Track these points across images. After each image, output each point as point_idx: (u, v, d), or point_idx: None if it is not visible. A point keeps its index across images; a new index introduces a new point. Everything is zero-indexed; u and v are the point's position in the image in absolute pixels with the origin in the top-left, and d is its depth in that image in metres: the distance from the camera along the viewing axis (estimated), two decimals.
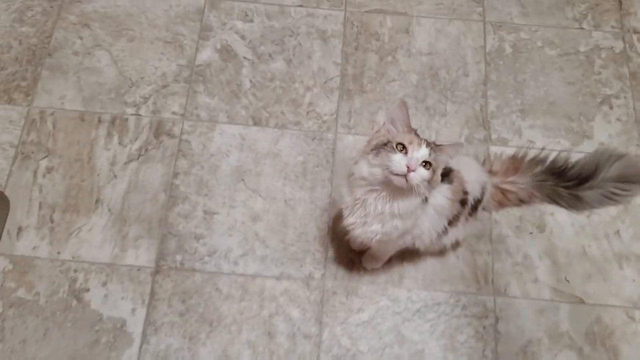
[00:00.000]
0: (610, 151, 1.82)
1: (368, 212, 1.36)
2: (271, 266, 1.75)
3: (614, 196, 1.79)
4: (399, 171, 1.25)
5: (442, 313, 1.70)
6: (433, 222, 1.50)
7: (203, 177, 1.85)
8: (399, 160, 1.26)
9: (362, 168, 1.33)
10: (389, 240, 1.44)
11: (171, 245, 1.76)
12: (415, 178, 1.25)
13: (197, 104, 1.96)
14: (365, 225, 1.39)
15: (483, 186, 1.61)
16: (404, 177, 1.25)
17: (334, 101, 1.98)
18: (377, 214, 1.35)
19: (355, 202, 1.38)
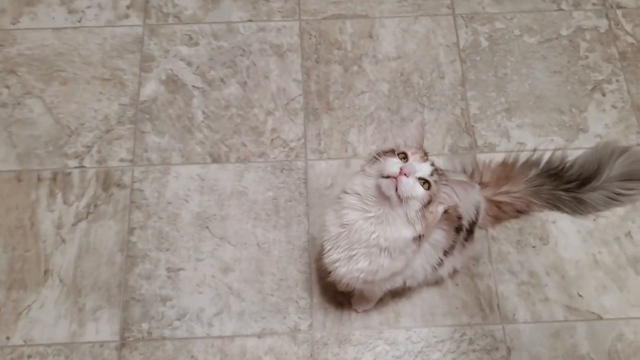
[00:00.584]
0: (612, 146, 1.64)
1: (353, 242, 1.18)
2: (250, 322, 1.55)
3: (619, 197, 1.61)
4: (390, 171, 1.08)
5: (447, 351, 1.52)
6: (428, 258, 1.31)
7: (162, 229, 1.64)
8: (394, 162, 1.11)
9: (355, 181, 1.18)
10: (375, 281, 1.25)
11: (135, 313, 1.55)
12: (407, 186, 1.08)
13: (146, 146, 1.75)
14: (350, 263, 1.21)
15: (477, 206, 1.42)
16: (394, 180, 1.07)
17: (299, 124, 1.78)
18: (363, 245, 1.17)
19: (340, 231, 1.19)
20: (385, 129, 1.77)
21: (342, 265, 1.22)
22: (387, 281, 1.29)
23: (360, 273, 1.21)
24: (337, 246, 1.21)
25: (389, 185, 1.08)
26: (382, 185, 1.09)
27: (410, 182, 1.08)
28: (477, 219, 1.43)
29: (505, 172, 1.64)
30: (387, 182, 1.08)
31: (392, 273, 1.23)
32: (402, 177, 1.07)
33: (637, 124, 1.76)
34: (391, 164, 1.10)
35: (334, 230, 1.21)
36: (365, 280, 1.24)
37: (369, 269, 1.20)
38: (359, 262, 1.20)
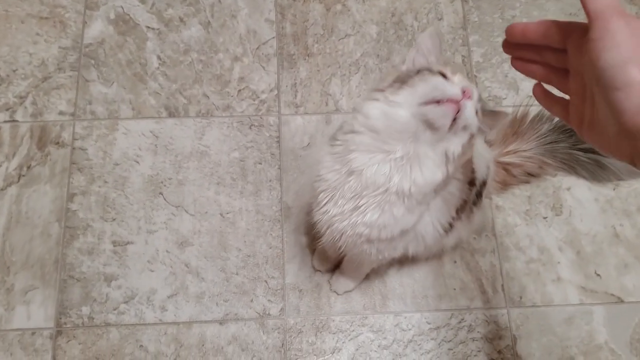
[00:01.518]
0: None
1: (363, 190, 0.90)
2: (211, 306, 1.30)
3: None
4: (451, 94, 0.81)
5: (442, 340, 1.29)
6: (439, 215, 1.04)
7: (108, 195, 1.38)
8: (445, 82, 0.84)
9: (371, 114, 0.87)
10: (379, 241, 0.97)
11: (74, 295, 1.30)
12: (470, 113, 0.82)
13: (90, 97, 1.47)
14: (354, 215, 0.93)
15: (487, 165, 1.18)
16: (454, 106, 0.80)
17: (272, 72, 1.51)
18: (377, 192, 0.90)
19: (343, 180, 0.91)
20: (373, 78, 1.50)
21: (343, 219, 0.95)
22: (390, 244, 1.01)
23: (365, 228, 0.94)
24: (341, 197, 0.93)
25: (447, 113, 0.81)
26: (431, 114, 0.82)
27: (472, 108, 0.83)
28: (487, 180, 1.19)
29: (513, 128, 1.39)
30: (444, 109, 0.81)
31: (402, 230, 0.97)
32: (467, 101, 0.81)
33: None
34: (444, 84, 0.83)
35: (335, 178, 0.93)
36: (369, 239, 0.97)
37: (377, 223, 0.93)
38: (367, 214, 0.92)
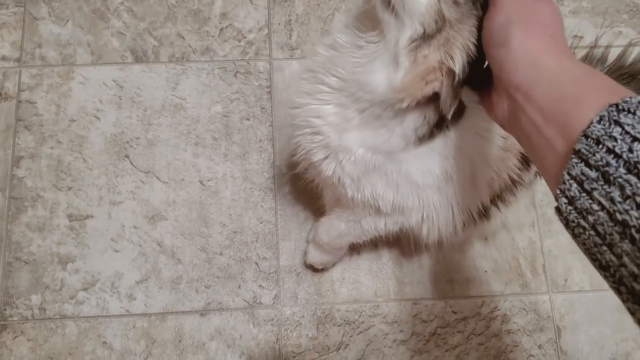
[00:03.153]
0: None
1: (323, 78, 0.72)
2: (190, 294, 1.07)
3: None
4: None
5: (471, 333, 1.06)
6: (464, 192, 0.82)
7: (62, 159, 1.13)
8: None
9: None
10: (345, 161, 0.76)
11: (22, 280, 1.07)
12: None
13: (40, 39, 1.20)
14: (312, 97, 0.74)
15: None
16: None
17: (261, 7, 1.24)
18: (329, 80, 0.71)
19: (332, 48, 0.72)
20: None
21: (303, 104, 0.76)
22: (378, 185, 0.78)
23: (322, 123, 0.74)
24: (314, 77, 0.74)
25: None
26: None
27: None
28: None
29: None
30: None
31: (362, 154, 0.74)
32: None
33: None
34: None
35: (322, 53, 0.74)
36: (329, 145, 0.75)
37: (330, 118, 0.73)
38: (326, 105, 0.73)
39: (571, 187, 0.44)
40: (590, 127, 0.43)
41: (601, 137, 0.42)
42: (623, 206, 0.40)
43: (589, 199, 0.42)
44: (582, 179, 0.43)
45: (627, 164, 0.40)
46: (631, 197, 0.39)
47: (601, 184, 0.41)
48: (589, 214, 0.43)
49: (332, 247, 1.00)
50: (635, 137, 0.40)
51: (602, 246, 0.42)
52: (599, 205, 0.42)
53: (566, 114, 0.47)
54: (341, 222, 0.92)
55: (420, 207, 0.81)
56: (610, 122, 0.42)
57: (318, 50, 0.75)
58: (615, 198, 0.40)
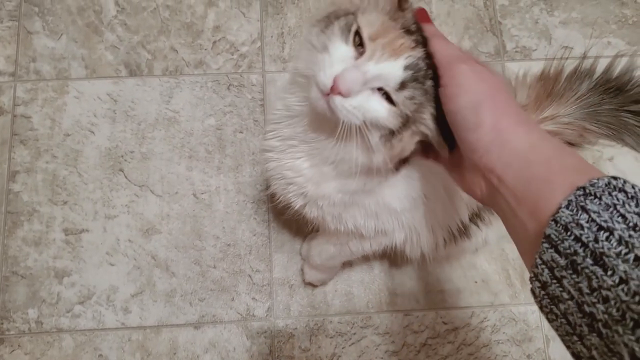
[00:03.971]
0: None
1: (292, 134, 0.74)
2: (184, 307, 1.08)
3: None
4: (319, 80, 0.59)
5: (462, 344, 1.08)
6: (440, 211, 0.84)
7: (57, 173, 1.14)
8: (335, 58, 0.60)
9: (303, 51, 0.68)
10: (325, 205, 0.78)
11: (19, 294, 1.08)
12: (346, 111, 0.59)
13: (34, 53, 1.21)
14: (284, 155, 0.76)
15: None
16: (325, 97, 0.59)
17: (253, 20, 1.25)
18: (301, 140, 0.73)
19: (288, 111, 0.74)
20: None
21: (273, 158, 0.77)
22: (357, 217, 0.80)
23: (295, 175, 0.76)
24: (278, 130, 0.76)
25: (317, 101, 0.60)
26: (310, 97, 0.62)
27: (354, 104, 0.59)
28: None
29: (546, 89, 1.14)
30: (315, 95, 0.60)
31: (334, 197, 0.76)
32: (335, 96, 0.58)
33: None
34: (325, 61, 0.59)
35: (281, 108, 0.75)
36: (304, 193, 0.77)
37: (309, 174, 0.75)
38: (297, 161, 0.75)
39: (543, 272, 0.44)
40: (558, 212, 0.43)
41: (569, 223, 0.42)
42: (590, 298, 0.39)
43: (559, 286, 0.42)
44: (552, 265, 0.43)
45: (593, 254, 0.40)
46: (597, 290, 0.39)
47: (570, 272, 0.41)
48: (560, 302, 0.42)
49: (326, 267, 1.02)
50: (601, 226, 0.40)
51: (573, 336, 0.41)
52: (569, 294, 0.41)
53: (537, 197, 0.47)
54: (330, 245, 0.94)
55: (401, 228, 0.83)
56: (577, 207, 0.42)
57: (277, 106, 0.75)
58: (583, 289, 0.40)
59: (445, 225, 0.88)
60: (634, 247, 0.39)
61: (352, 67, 0.58)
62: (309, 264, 1.04)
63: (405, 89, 0.59)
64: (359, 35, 0.61)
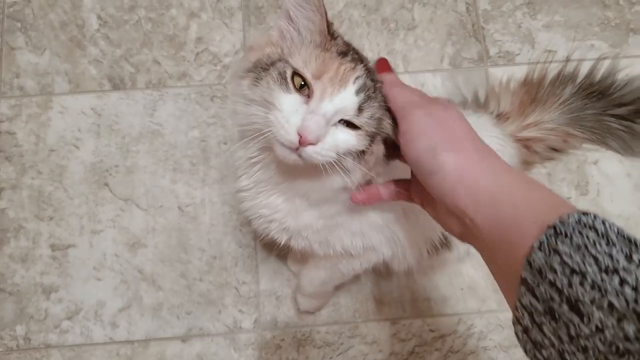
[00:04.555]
0: None
1: (262, 178, 0.74)
2: (171, 320, 1.09)
3: None
4: (284, 139, 0.60)
5: (449, 351, 1.08)
6: (422, 222, 0.83)
7: (43, 189, 1.15)
8: (288, 112, 0.60)
9: (236, 105, 0.68)
10: (311, 235, 0.78)
11: (6, 311, 1.09)
12: (319, 155, 0.60)
13: (18, 69, 1.21)
14: (259, 196, 0.76)
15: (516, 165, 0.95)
16: (295, 150, 0.60)
17: (236, 31, 1.25)
18: (273, 184, 0.74)
19: (250, 160, 0.73)
20: (359, 34, 1.25)
21: (247, 199, 0.77)
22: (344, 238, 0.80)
23: (273, 212, 0.76)
24: (248, 173, 0.75)
25: (288, 156, 0.61)
26: (277, 152, 0.62)
27: (325, 147, 0.60)
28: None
29: (530, 95, 1.15)
30: (283, 152, 0.61)
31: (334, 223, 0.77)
32: (308, 148, 0.59)
33: None
34: (281, 118, 0.59)
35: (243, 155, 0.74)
36: (286, 228, 0.77)
37: (286, 211, 0.75)
38: (271, 199, 0.75)
39: (524, 316, 0.43)
40: (531, 255, 0.42)
41: (542, 266, 0.41)
42: (570, 347, 0.39)
43: (540, 332, 0.41)
44: (531, 310, 0.42)
45: (568, 300, 0.39)
46: (576, 339, 0.38)
47: (549, 319, 0.40)
48: (542, 348, 0.41)
49: (319, 293, 1.04)
50: (573, 269, 0.39)
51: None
52: (549, 341, 0.40)
53: (510, 236, 0.46)
54: (320, 270, 0.94)
55: (388, 242, 0.83)
56: (549, 249, 0.41)
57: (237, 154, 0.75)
58: (562, 337, 0.39)
59: (427, 236, 0.88)
60: (607, 293, 0.38)
61: (310, 114, 0.58)
62: (302, 293, 1.04)
63: (364, 111, 0.60)
64: (298, 76, 0.61)
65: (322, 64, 0.61)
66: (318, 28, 0.64)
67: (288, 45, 0.64)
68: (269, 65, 0.63)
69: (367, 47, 1.23)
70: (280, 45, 0.65)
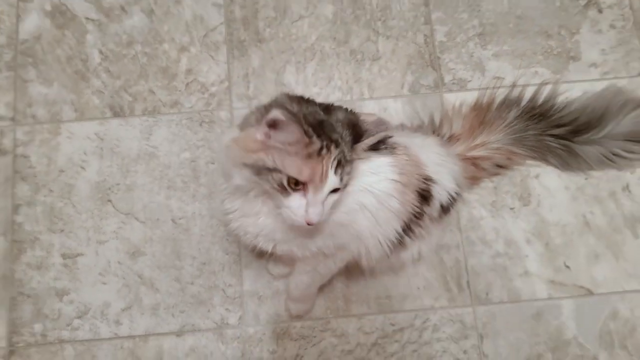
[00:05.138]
0: (626, 95, 1.31)
1: (251, 202, 0.94)
2: (167, 318, 1.26)
3: (618, 159, 1.30)
4: (297, 224, 0.86)
5: (407, 342, 1.25)
6: (379, 220, 1.00)
7: (54, 205, 1.32)
8: (295, 207, 0.85)
9: (236, 180, 0.89)
10: (293, 241, 0.99)
11: (26, 312, 1.26)
12: (322, 219, 0.86)
13: (30, 99, 1.38)
14: (247, 217, 0.97)
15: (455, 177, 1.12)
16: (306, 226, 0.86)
17: (221, 62, 1.41)
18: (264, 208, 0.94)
19: (236, 189, 0.94)
20: (330, 65, 1.41)
21: (236, 219, 0.98)
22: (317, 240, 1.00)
23: (262, 229, 0.96)
24: (233, 198, 0.97)
25: (301, 224, 0.87)
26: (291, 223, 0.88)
27: (324, 214, 0.86)
28: (458, 195, 1.13)
29: (479, 118, 1.31)
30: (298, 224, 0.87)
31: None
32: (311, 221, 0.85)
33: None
34: (290, 212, 0.85)
35: (229, 184, 0.95)
36: (274, 239, 0.98)
37: (274, 226, 0.96)
38: (261, 218, 0.95)
39: None
40: None
41: None
42: None
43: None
44: None
45: None
46: None
47: None
48: None
49: (306, 296, 1.21)
50: None
51: None
52: None
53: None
54: (303, 275, 1.14)
55: (353, 239, 1.01)
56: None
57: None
58: None
59: (386, 234, 1.04)
60: None
61: (311, 207, 0.83)
62: (291, 299, 1.22)
63: (343, 178, 0.85)
64: (294, 180, 0.83)
65: (310, 170, 0.82)
66: (299, 144, 0.82)
67: (277, 156, 0.83)
68: (262, 171, 0.84)
69: (337, 76, 1.40)
70: (271, 153, 0.84)
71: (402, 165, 0.99)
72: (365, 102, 1.38)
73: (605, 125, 1.26)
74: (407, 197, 1.01)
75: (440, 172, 1.07)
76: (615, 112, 1.27)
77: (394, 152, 0.99)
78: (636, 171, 1.34)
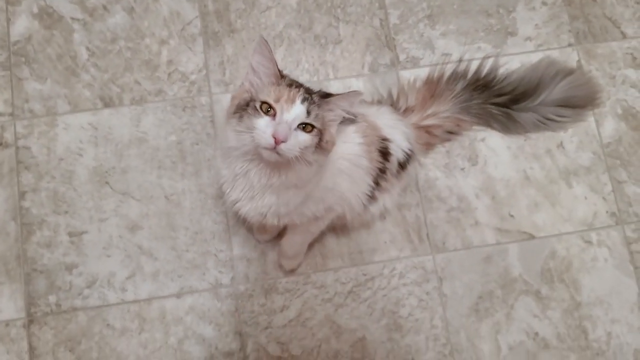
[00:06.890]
0: (557, 66, 1.50)
1: (253, 185, 1.09)
2: (167, 282, 1.43)
3: (550, 122, 1.50)
4: (265, 144, 0.98)
5: (377, 288, 1.45)
6: (356, 181, 1.22)
7: (57, 190, 1.47)
8: (264, 127, 0.99)
9: (229, 136, 1.06)
10: (293, 212, 1.17)
11: (40, 285, 1.42)
12: (290, 150, 0.98)
13: (26, 95, 1.52)
14: (253, 200, 1.12)
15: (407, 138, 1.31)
16: (273, 150, 0.98)
17: (198, 52, 1.57)
18: (265, 185, 1.09)
19: (235, 176, 1.10)
20: (297, 49, 1.58)
21: (245, 204, 1.14)
22: (305, 207, 1.18)
23: (269, 208, 1.13)
24: (236, 187, 1.12)
25: (271, 156, 0.99)
26: (263, 156, 1.01)
27: (292, 143, 0.98)
28: (412, 153, 1.32)
29: (430, 91, 1.49)
30: (267, 153, 0.99)
31: (306, 198, 1.15)
32: (281, 145, 0.97)
33: (569, 21, 1.62)
34: (261, 131, 0.98)
35: (228, 174, 1.12)
36: (279, 214, 1.15)
37: (279, 202, 1.12)
38: (265, 198, 1.12)
39: None
40: None
41: None
42: None
43: None
44: None
45: None
46: None
47: None
48: None
49: (298, 253, 1.40)
50: None
51: None
52: None
53: None
54: (297, 235, 1.32)
55: (339, 199, 1.20)
56: None
57: (222, 173, 1.14)
58: None
59: (362, 189, 1.24)
60: None
61: (278, 124, 0.97)
62: (285, 257, 1.40)
63: (311, 113, 1.00)
64: (265, 104, 0.99)
65: (278, 93, 1.00)
66: (272, 73, 1.03)
67: (255, 89, 1.02)
68: (246, 106, 1.01)
69: (304, 60, 1.57)
70: (250, 91, 1.03)
71: (363, 129, 1.19)
72: (330, 82, 1.55)
73: (539, 93, 1.45)
74: (372, 155, 1.21)
75: (394, 133, 1.27)
76: (547, 82, 1.46)
77: (355, 120, 1.17)
78: (569, 130, 1.54)
